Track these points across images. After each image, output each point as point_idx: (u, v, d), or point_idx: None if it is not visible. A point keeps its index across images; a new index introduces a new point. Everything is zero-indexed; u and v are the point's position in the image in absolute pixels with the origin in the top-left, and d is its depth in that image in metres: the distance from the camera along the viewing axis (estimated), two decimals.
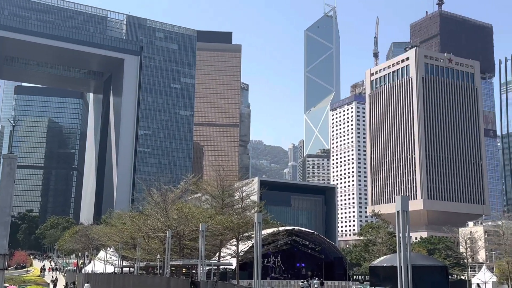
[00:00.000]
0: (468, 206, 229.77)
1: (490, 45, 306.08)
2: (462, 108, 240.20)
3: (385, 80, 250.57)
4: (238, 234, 53.56)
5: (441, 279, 49.93)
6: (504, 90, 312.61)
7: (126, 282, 47.36)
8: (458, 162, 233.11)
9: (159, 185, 61.92)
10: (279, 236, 67.53)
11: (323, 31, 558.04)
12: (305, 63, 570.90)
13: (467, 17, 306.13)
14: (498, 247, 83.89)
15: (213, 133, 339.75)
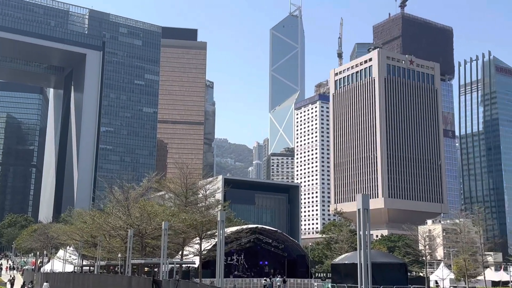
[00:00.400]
0: (427, 204, 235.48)
1: (450, 47, 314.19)
2: (423, 109, 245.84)
3: (349, 80, 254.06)
4: (201, 233, 53.33)
5: (400, 276, 50.98)
6: (463, 92, 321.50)
7: (85, 281, 46.45)
8: (418, 162, 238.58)
9: (121, 183, 61.05)
10: (242, 234, 67.59)
11: (288, 30, 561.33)
12: (270, 62, 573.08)
13: (429, 20, 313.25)
14: (455, 244, 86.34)
15: (177, 130, 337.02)
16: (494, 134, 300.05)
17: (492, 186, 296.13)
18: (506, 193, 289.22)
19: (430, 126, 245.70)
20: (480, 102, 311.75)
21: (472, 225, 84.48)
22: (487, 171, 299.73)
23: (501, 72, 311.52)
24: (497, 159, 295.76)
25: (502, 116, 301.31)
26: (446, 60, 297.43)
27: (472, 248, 76.39)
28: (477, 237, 76.22)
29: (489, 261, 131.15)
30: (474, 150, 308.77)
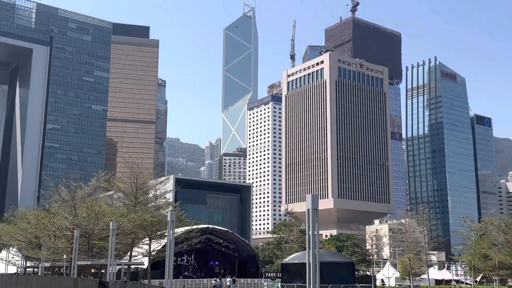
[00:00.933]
0: (375, 205, 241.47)
1: (398, 52, 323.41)
2: (371, 112, 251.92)
3: (301, 82, 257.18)
4: (151, 233, 52.65)
5: (348, 275, 52.05)
6: (410, 96, 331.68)
7: (29, 283, 44.90)
8: (367, 163, 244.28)
9: (68, 182, 59.43)
10: (193, 235, 67.10)
11: (242, 30, 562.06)
12: (223, 62, 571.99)
13: (378, 25, 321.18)
14: (401, 244, 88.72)
15: (128, 129, 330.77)
16: (438, 137, 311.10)
17: (436, 187, 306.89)
18: (450, 194, 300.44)
19: (378, 129, 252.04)
20: (426, 105, 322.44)
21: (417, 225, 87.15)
22: (431, 173, 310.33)
23: (446, 77, 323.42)
24: (441, 161, 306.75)
25: (447, 119, 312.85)
26: (394, 64, 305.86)
27: (416, 248, 78.72)
28: (422, 236, 78.63)
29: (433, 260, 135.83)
30: (419, 152, 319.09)
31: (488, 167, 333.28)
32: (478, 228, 77.87)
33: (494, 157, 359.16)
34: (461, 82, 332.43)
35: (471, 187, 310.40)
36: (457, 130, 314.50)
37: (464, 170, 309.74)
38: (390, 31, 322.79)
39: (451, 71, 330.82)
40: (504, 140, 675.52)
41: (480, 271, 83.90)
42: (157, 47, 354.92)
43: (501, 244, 70.37)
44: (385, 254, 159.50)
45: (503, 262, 68.55)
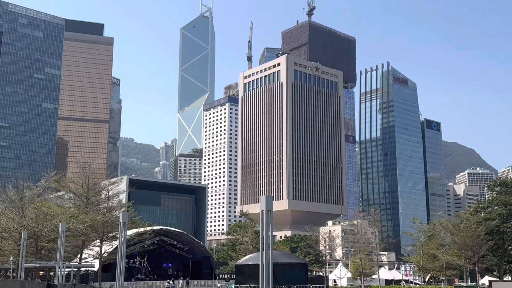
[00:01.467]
0: (328, 206, 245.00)
1: (353, 56, 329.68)
2: (326, 115, 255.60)
3: (258, 83, 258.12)
4: (102, 235, 51.58)
5: (301, 275, 52.53)
6: (363, 99, 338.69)
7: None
8: (321, 165, 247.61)
9: (16, 181, 57.43)
10: (146, 236, 66.14)
11: (199, 31, 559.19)
12: (180, 62, 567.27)
13: (334, 29, 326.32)
14: (353, 245, 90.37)
15: (80, 128, 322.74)
16: (390, 140, 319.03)
17: (387, 189, 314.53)
18: (400, 196, 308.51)
19: (333, 131, 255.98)
20: (378, 109, 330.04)
21: (369, 226, 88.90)
22: (383, 175, 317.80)
23: (398, 82, 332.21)
24: (392, 164, 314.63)
25: (398, 123, 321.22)
26: (349, 68, 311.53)
27: (368, 248, 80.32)
28: (373, 237, 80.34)
29: (383, 261, 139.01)
30: (372, 155, 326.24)
31: (437, 170, 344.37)
32: (426, 229, 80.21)
33: (443, 160, 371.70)
34: (412, 87, 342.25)
35: (420, 189, 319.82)
36: (408, 134, 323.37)
37: (414, 173, 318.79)
38: (345, 36, 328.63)
39: (402, 76, 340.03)
40: (452, 144, 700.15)
41: (429, 271, 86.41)
42: (111, 45, 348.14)
43: (448, 245, 72.67)
44: (338, 254, 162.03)
45: (450, 262, 70.79)
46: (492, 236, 69.86)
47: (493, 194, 78.02)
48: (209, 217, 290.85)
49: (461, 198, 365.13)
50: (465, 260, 66.06)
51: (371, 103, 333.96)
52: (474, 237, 64.49)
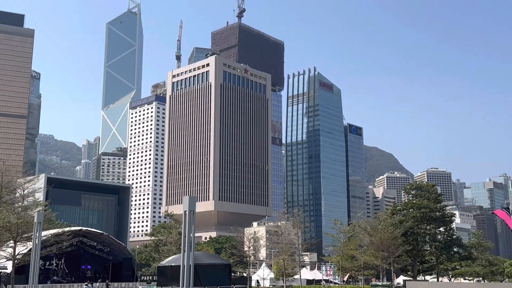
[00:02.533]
0: (254, 207, 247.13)
1: (281, 60, 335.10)
2: (254, 117, 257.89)
3: (186, 83, 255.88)
4: (16, 235, 48.93)
5: (224, 276, 52.57)
6: (290, 103, 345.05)
7: None
8: (248, 167, 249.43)
9: None
10: (64, 237, 63.44)
11: (126, 26, 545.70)
12: (105, 57, 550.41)
13: (263, 32, 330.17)
14: (276, 245, 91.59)
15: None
16: (315, 144, 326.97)
17: (311, 192, 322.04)
18: (323, 198, 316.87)
19: (260, 133, 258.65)
20: (304, 113, 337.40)
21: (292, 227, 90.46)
22: (308, 178, 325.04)
23: (324, 87, 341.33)
24: (317, 167, 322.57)
25: (323, 127, 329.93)
26: (277, 71, 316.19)
27: (291, 249, 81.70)
28: (296, 238, 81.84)
29: (305, 261, 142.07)
30: (297, 157, 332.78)
31: (358, 173, 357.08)
32: (347, 231, 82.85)
33: (364, 164, 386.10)
34: (337, 93, 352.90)
35: (342, 191, 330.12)
36: (331, 138, 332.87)
37: (337, 176, 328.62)
38: (274, 39, 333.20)
39: (328, 82, 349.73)
40: (372, 149, 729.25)
41: (348, 271, 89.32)
42: (32, 37, 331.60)
43: (367, 246, 75.44)
44: (262, 255, 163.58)
45: (368, 262, 73.51)
46: (407, 237, 73.29)
47: (409, 197, 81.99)
48: (133, 218, 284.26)
49: (379, 201, 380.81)
50: (381, 260, 68.81)
51: (297, 107, 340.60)
52: (390, 238, 67.34)
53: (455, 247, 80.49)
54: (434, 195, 79.30)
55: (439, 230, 78.33)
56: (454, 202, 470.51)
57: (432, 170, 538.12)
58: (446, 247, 77.44)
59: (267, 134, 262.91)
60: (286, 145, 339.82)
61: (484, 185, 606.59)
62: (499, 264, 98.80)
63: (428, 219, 75.47)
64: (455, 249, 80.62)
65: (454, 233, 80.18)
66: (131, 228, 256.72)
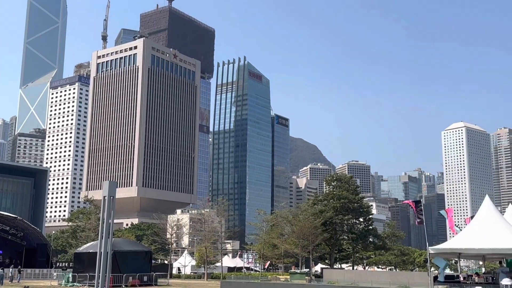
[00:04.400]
0: (179, 195, 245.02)
1: (211, 47, 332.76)
2: (182, 103, 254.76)
3: (112, 65, 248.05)
4: None
5: (144, 263, 51.78)
6: (219, 91, 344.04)
7: None
8: (174, 153, 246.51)
9: None
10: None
11: (49, 2, 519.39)
12: (25, 33, 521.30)
13: (194, 18, 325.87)
14: (200, 233, 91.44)
15: None
16: (242, 133, 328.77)
17: (236, 180, 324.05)
18: (248, 187, 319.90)
19: (187, 120, 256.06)
20: (233, 102, 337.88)
21: (216, 216, 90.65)
22: (233, 166, 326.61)
23: (253, 77, 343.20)
24: (243, 156, 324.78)
25: (250, 116, 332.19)
26: (207, 59, 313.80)
27: (214, 237, 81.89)
28: (219, 226, 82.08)
29: (227, 249, 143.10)
30: (224, 146, 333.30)
31: (283, 163, 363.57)
32: (269, 220, 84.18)
33: (289, 155, 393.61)
34: (266, 83, 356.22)
35: (267, 181, 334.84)
36: (259, 128, 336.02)
37: (262, 165, 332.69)
38: (205, 26, 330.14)
39: (257, 72, 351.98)
40: (298, 140, 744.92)
41: (269, 259, 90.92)
42: None
43: (288, 235, 77.06)
44: (184, 243, 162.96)
45: (288, 251, 75.14)
46: (327, 227, 75.61)
47: (330, 188, 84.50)
48: (50, 202, 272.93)
49: (302, 191, 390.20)
50: (301, 249, 70.56)
51: (226, 95, 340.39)
52: (311, 227, 69.14)
53: (371, 237, 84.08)
54: (353, 186, 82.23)
55: (357, 220, 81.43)
56: (372, 194, 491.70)
57: (353, 163, 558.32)
58: (362, 236, 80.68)
59: (194, 121, 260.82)
60: (213, 133, 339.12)
61: (399, 179, 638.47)
62: (410, 253, 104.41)
63: (347, 210, 78.19)
64: (371, 239, 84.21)
65: (370, 223, 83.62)
66: (48, 213, 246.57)
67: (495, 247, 32.06)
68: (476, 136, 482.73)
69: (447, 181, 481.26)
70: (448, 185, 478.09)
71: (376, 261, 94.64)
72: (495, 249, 32.28)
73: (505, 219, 36.05)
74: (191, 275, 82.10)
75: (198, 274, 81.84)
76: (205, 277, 75.67)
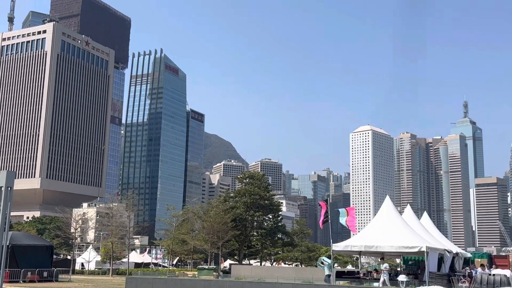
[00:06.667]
0: (86, 188, 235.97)
1: (127, 37, 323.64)
2: (93, 93, 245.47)
3: (18, 48, 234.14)
4: None
5: (45, 258, 49.39)
6: (134, 82, 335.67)
7: None
8: (83, 145, 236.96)
9: None
10: None
11: None
12: None
13: (109, 5, 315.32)
14: (106, 228, 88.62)
15: None
16: (156, 127, 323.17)
17: (148, 175, 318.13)
18: (160, 182, 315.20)
19: (98, 111, 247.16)
20: (148, 94, 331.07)
21: (125, 210, 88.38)
22: (146, 160, 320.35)
23: (169, 70, 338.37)
24: (156, 150, 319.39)
25: (166, 110, 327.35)
26: (121, 49, 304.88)
27: (121, 232, 79.73)
28: (128, 221, 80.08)
29: (135, 244, 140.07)
30: (137, 139, 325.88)
31: (197, 159, 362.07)
32: (180, 215, 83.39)
33: (203, 151, 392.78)
34: (182, 77, 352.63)
35: (180, 176, 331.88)
36: (173, 122, 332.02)
37: (176, 160, 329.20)
38: (121, 15, 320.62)
39: (174, 65, 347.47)
40: (212, 136, 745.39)
41: (177, 255, 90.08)
42: None
43: (198, 230, 76.79)
44: (90, 238, 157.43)
45: (197, 246, 74.85)
46: (237, 223, 76.23)
47: (242, 185, 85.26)
48: None
49: (215, 187, 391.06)
50: (211, 245, 70.59)
51: (141, 87, 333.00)
52: (221, 223, 69.37)
53: (280, 234, 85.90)
54: (264, 184, 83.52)
55: (267, 217, 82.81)
56: (282, 192, 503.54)
57: (266, 161, 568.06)
58: (271, 233, 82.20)
59: (106, 112, 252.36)
60: (126, 125, 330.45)
61: (309, 178, 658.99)
62: (316, 250, 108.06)
63: (257, 206, 79.29)
64: (279, 236, 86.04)
65: (280, 220, 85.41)
66: None
67: (393, 245, 33.89)
68: (381, 140, 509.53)
69: (353, 181, 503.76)
70: (354, 185, 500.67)
71: (284, 257, 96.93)
72: (393, 247, 34.11)
73: (403, 219, 38.23)
74: (96, 271, 79.48)
75: (103, 270, 79.30)
76: (110, 273, 73.56)
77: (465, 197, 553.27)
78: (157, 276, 43.06)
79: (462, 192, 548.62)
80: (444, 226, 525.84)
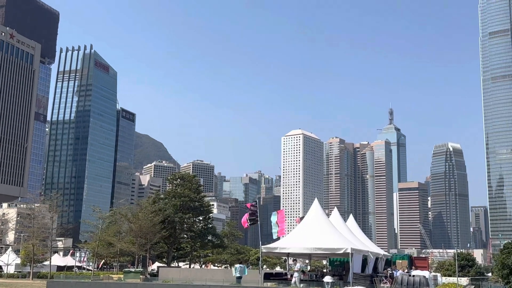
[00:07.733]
0: (6, 187, 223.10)
1: (55, 31, 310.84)
2: (16, 87, 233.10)
3: None
4: None
5: None
6: (61, 78, 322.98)
7: None
8: (2, 141, 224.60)
9: None
10: None
11: None
12: None
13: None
14: (28, 229, 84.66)
15: None
16: (84, 125, 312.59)
17: (74, 174, 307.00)
18: (87, 182, 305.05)
19: (21, 107, 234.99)
20: (76, 91, 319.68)
21: (48, 211, 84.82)
22: (72, 159, 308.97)
23: (99, 67, 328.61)
24: (83, 149, 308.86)
25: (94, 108, 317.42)
26: (48, 43, 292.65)
27: (43, 233, 76.41)
28: (51, 222, 76.87)
29: (58, 247, 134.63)
30: (63, 137, 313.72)
31: (127, 159, 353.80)
32: (106, 217, 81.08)
33: (133, 151, 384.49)
34: (113, 75, 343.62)
35: (108, 176, 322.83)
36: (103, 121, 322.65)
37: (104, 160, 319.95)
38: (49, 8, 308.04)
39: (105, 62, 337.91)
40: (144, 136, 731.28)
41: (103, 258, 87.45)
42: None
43: (125, 232, 74.95)
44: (10, 239, 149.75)
45: (124, 249, 73.06)
46: (166, 225, 75.13)
47: (173, 186, 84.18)
48: None
49: (145, 188, 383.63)
50: (138, 247, 69.13)
51: (68, 84, 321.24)
52: (150, 225, 68.11)
53: (210, 236, 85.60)
54: (195, 185, 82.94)
55: (197, 219, 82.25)
56: (214, 194, 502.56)
57: (198, 162, 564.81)
58: (201, 235, 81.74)
59: (30, 108, 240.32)
60: (51, 123, 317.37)
61: (241, 180, 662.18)
62: (245, 252, 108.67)
63: (187, 208, 78.58)
64: (210, 238, 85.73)
65: (210, 222, 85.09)
66: None
67: (320, 247, 34.63)
68: (312, 144, 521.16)
69: (284, 184, 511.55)
70: (284, 187, 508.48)
71: (213, 260, 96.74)
72: (319, 249, 34.85)
73: (330, 221, 39.17)
74: (15, 274, 75.62)
75: (23, 273, 75.57)
76: (31, 276, 70.29)
77: (389, 200, 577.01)
78: (80, 280, 41.57)
79: (386, 195, 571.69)
80: (369, 228, 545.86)
